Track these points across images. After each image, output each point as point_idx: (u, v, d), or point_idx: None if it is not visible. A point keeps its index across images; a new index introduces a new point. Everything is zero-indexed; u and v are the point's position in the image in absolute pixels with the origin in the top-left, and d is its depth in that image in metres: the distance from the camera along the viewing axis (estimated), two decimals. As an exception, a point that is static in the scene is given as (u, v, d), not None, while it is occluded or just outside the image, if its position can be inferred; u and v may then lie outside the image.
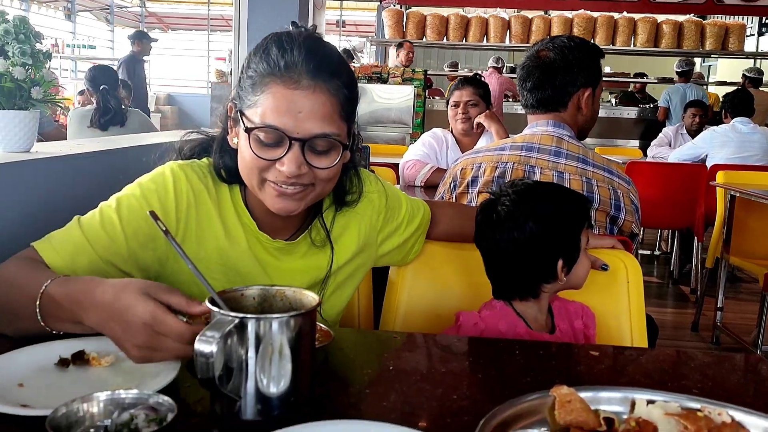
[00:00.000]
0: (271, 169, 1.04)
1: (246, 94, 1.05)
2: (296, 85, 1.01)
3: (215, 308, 0.78)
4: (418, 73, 6.40)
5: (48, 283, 0.93)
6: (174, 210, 1.11)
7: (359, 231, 1.26)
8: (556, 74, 1.78)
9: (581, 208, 1.24)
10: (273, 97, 1.02)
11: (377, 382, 0.92)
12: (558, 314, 1.29)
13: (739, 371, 1.01)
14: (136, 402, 0.72)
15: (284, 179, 1.04)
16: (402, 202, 1.36)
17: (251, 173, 1.07)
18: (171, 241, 0.83)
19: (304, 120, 1.01)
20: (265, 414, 0.78)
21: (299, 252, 1.20)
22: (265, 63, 1.03)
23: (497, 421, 0.75)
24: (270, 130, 1.02)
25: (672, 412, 0.78)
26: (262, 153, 1.03)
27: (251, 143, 1.03)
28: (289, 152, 1.02)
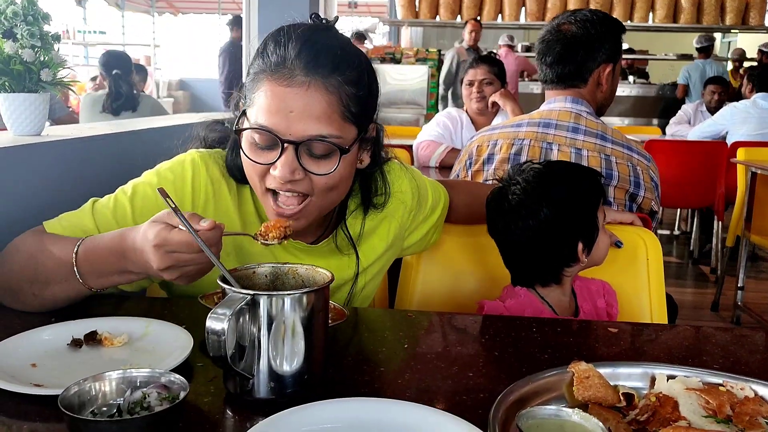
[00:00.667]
0: (268, 176, 0.97)
1: (248, 93, 0.99)
2: (290, 81, 0.92)
3: (226, 285, 0.77)
4: (432, 53, 6.34)
5: (80, 243, 0.95)
6: (190, 203, 1.07)
7: (389, 232, 1.20)
8: (578, 49, 1.74)
9: (595, 186, 1.20)
10: (265, 95, 0.94)
11: (392, 360, 0.91)
12: (580, 295, 1.27)
13: (761, 347, 0.98)
14: (149, 380, 0.72)
15: (278, 186, 0.96)
16: (428, 192, 1.30)
17: (251, 180, 1.01)
18: (180, 217, 0.81)
19: (296, 120, 0.92)
20: (278, 392, 0.77)
21: (321, 252, 1.13)
22: (260, 59, 0.96)
23: (514, 397, 0.73)
24: (260, 131, 0.94)
25: (693, 387, 0.76)
26: (255, 156, 0.96)
27: (244, 146, 0.97)
28: (282, 156, 0.93)
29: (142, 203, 1.06)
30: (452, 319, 1.09)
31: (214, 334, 0.71)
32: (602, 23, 1.77)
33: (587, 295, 1.27)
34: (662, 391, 0.77)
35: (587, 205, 1.18)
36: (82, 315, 0.97)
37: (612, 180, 1.69)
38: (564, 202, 1.16)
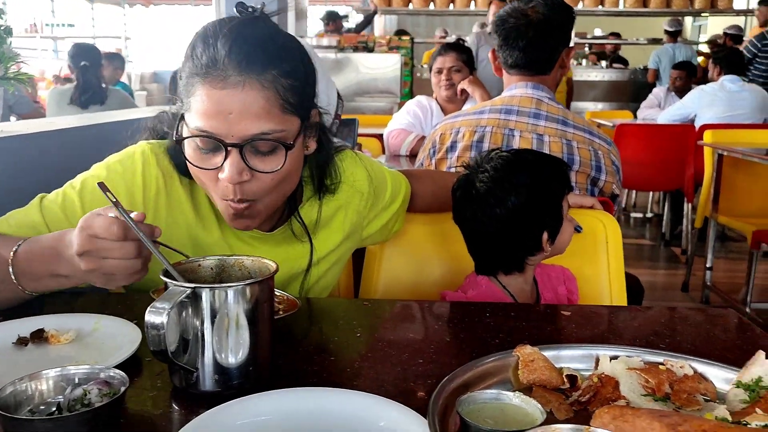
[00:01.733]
0: (219, 181, 0.95)
1: (183, 97, 0.96)
2: (224, 83, 0.90)
3: (168, 279, 0.76)
4: (404, 41, 6.32)
5: (20, 243, 0.93)
6: (141, 196, 1.06)
7: (345, 220, 1.20)
8: (551, 33, 1.74)
9: (562, 175, 1.21)
10: (201, 100, 0.91)
11: (343, 349, 0.91)
12: (541, 282, 1.28)
13: (709, 324, 1.00)
14: (88, 377, 0.71)
15: (230, 192, 0.94)
16: (387, 182, 1.29)
17: (204, 186, 0.99)
18: (121, 212, 0.80)
19: (236, 122, 0.90)
20: (223, 384, 0.77)
21: (276, 240, 1.13)
22: (190, 62, 0.93)
23: (458, 383, 0.74)
24: (202, 136, 0.92)
25: (634, 366, 0.77)
26: (202, 163, 0.95)
27: (188, 154, 0.96)
28: (228, 158, 0.92)
29: (91, 197, 1.04)
30: (407, 307, 1.09)
31: (154, 328, 0.71)
32: (562, 7, 1.78)
33: (548, 282, 1.28)
34: (605, 371, 0.78)
35: (554, 195, 1.19)
36: (32, 313, 0.96)
37: (573, 165, 1.70)
38: (531, 191, 1.16)
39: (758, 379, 0.73)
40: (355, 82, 5.76)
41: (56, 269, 0.91)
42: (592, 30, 9.70)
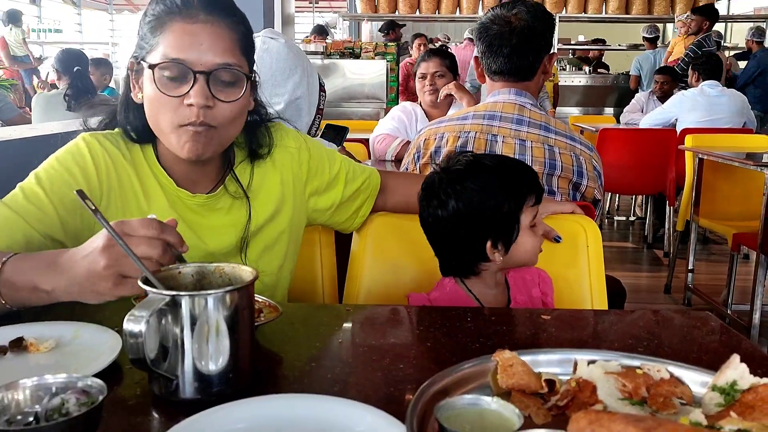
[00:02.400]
0: (180, 108, 1.04)
1: (145, 41, 1.07)
2: (194, 19, 1.04)
3: (147, 287, 0.76)
4: (390, 47, 6.34)
5: (11, 256, 0.94)
6: (95, 175, 1.11)
7: (280, 182, 1.25)
8: (534, 40, 1.76)
9: (522, 184, 1.17)
10: (173, 34, 1.04)
11: (324, 355, 0.91)
12: (515, 286, 1.28)
13: (687, 328, 1.01)
14: (66, 386, 0.70)
15: (195, 116, 1.03)
16: (335, 159, 1.35)
17: (161, 118, 1.06)
18: (100, 219, 0.80)
19: (206, 52, 1.03)
20: (203, 392, 0.76)
21: (223, 207, 1.20)
22: (161, 5, 1.06)
23: (437, 388, 0.74)
24: (173, 64, 1.03)
25: (612, 370, 0.78)
26: (168, 90, 1.03)
27: (157, 83, 1.04)
28: (195, 85, 1.03)
29: (50, 184, 1.08)
30: (390, 312, 1.09)
31: (132, 336, 0.71)
32: (544, 14, 1.80)
33: (522, 285, 1.28)
34: (582, 376, 0.78)
35: (502, 203, 1.15)
36: (11, 321, 0.95)
37: (556, 170, 1.72)
38: (475, 197, 1.14)
39: (733, 383, 0.74)
40: (341, 87, 5.78)
41: (39, 282, 0.91)
42: (576, 36, 9.78)
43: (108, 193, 1.13)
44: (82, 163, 1.11)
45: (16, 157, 1.55)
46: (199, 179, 1.18)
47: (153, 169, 1.16)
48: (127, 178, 1.14)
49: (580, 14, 7.52)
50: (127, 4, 15.50)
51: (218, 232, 1.19)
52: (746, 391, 0.72)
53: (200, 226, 1.18)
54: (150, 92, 1.06)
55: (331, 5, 14.68)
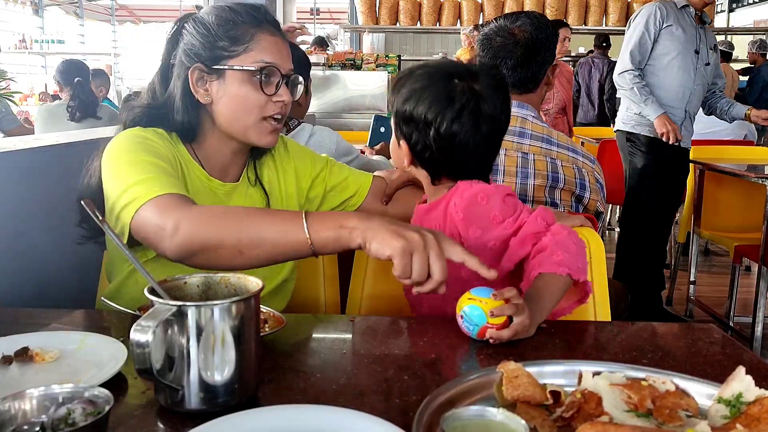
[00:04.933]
0: (268, 104, 1.22)
1: (222, 49, 1.20)
2: (273, 33, 1.23)
3: (154, 297, 0.76)
4: (391, 58, 6.37)
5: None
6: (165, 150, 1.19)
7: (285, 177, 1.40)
8: (538, 51, 1.77)
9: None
10: (265, 42, 1.21)
11: (328, 366, 0.91)
12: None
13: (691, 339, 1.01)
14: (72, 396, 0.71)
15: (279, 110, 1.22)
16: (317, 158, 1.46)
17: (250, 114, 1.21)
18: (107, 230, 0.81)
19: (286, 59, 1.24)
20: (209, 403, 0.77)
21: (241, 194, 1.33)
22: (241, 18, 1.21)
23: (442, 399, 0.74)
24: (271, 67, 1.20)
25: (617, 382, 0.78)
26: (265, 89, 1.21)
27: (240, 85, 1.20)
28: (283, 85, 1.22)
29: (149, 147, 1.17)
30: (393, 323, 1.09)
31: (139, 346, 0.71)
32: (547, 25, 1.81)
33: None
34: (588, 387, 0.78)
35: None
36: (16, 331, 0.96)
37: (558, 183, 1.72)
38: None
39: (739, 395, 0.74)
40: (342, 98, 5.79)
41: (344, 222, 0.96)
42: (576, 48, 9.82)
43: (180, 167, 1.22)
44: (152, 135, 1.20)
45: (21, 167, 1.56)
46: (229, 170, 1.32)
47: (187, 162, 1.26)
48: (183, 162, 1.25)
49: (581, 26, 7.55)
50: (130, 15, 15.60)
51: None
52: (752, 403, 0.72)
53: None
54: (243, 91, 1.20)
55: (333, 17, 14.75)
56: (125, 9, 15.05)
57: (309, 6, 12.05)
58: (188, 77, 1.21)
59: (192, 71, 1.21)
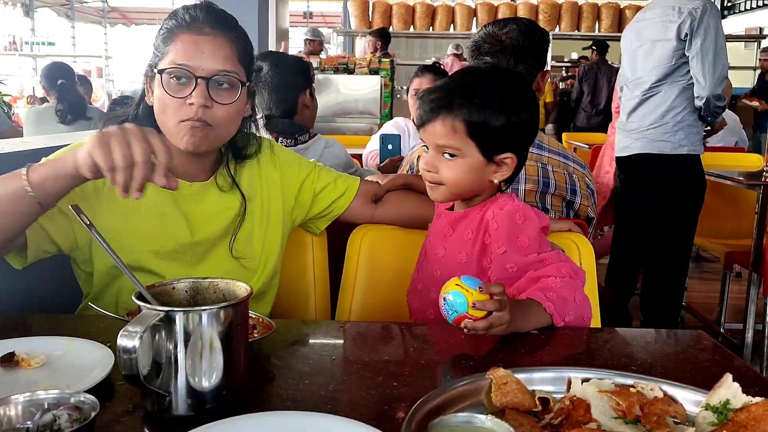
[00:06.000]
0: (183, 107, 1.17)
1: (158, 51, 1.21)
2: (199, 32, 1.19)
3: (141, 302, 0.76)
4: (384, 63, 6.37)
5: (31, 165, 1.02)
6: None
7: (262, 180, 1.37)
8: (526, 58, 1.77)
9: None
10: (181, 43, 1.18)
11: (317, 372, 0.91)
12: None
13: (680, 346, 1.02)
14: (58, 402, 0.70)
15: (194, 113, 1.16)
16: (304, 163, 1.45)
17: (167, 116, 1.19)
18: (95, 235, 0.80)
19: (207, 59, 1.18)
20: (196, 408, 0.76)
21: (212, 196, 1.30)
22: (173, 20, 1.21)
23: (431, 406, 0.74)
24: (179, 68, 1.17)
25: (605, 389, 0.78)
26: (174, 92, 1.17)
27: (164, 85, 1.18)
28: (197, 88, 1.17)
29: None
30: (383, 329, 1.09)
31: (126, 352, 0.70)
32: (536, 32, 1.82)
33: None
34: (576, 394, 0.78)
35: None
36: (2, 336, 0.95)
37: (549, 188, 1.72)
38: None
39: (726, 402, 0.74)
40: (335, 102, 5.78)
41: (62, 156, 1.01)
42: (569, 54, 9.87)
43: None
44: None
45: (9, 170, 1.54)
46: (195, 173, 1.28)
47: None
48: None
49: (573, 32, 7.59)
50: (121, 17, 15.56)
51: (209, 219, 1.28)
52: (739, 410, 0.72)
53: (192, 213, 1.26)
54: (159, 94, 1.20)
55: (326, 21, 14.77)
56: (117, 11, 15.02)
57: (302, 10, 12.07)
58: (145, 78, 1.25)
59: (146, 74, 1.25)
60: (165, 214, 1.23)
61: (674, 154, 2.90)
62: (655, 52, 2.87)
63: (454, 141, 1.15)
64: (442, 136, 1.15)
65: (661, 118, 2.90)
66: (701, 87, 2.79)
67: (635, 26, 3.02)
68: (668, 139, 2.89)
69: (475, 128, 1.14)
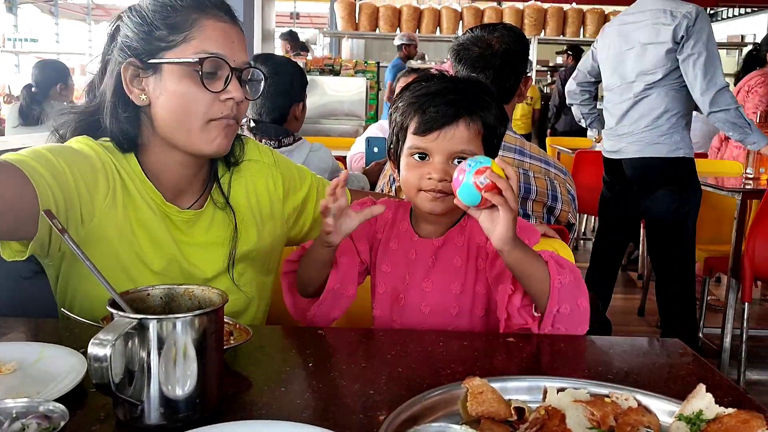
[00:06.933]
0: (215, 104, 1.05)
1: (159, 39, 1.04)
2: (223, 19, 1.07)
3: (114, 310, 0.75)
4: (370, 65, 6.37)
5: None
6: (102, 168, 1.07)
7: (256, 193, 1.24)
8: (516, 63, 1.78)
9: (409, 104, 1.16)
10: (209, 30, 1.04)
11: (294, 380, 0.90)
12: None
13: (655, 355, 1.02)
14: (27, 411, 0.69)
15: (229, 111, 1.06)
16: (305, 176, 1.35)
17: (192, 116, 1.05)
18: (68, 241, 0.79)
19: (237, 50, 1.07)
20: (169, 417, 0.75)
21: (205, 222, 1.17)
22: (181, 2, 1.05)
23: (406, 415, 0.74)
24: (215, 59, 1.03)
25: (580, 399, 0.78)
26: (209, 85, 1.04)
27: (180, 81, 1.03)
28: (232, 80, 1.05)
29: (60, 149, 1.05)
30: (362, 336, 1.09)
31: (97, 360, 0.69)
32: (522, 38, 1.83)
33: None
34: (551, 403, 0.78)
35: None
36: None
37: (530, 194, 1.73)
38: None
39: (699, 412, 0.75)
40: (320, 104, 5.77)
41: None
42: (554, 58, 9.94)
43: (114, 190, 1.07)
44: (89, 153, 1.07)
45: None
46: (186, 191, 1.16)
47: (139, 181, 1.11)
48: (125, 185, 1.10)
49: (559, 37, 7.65)
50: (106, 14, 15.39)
51: (204, 249, 1.16)
52: (712, 420, 0.73)
53: (185, 243, 1.15)
54: (182, 88, 1.04)
55: (312, 22, 14.74)
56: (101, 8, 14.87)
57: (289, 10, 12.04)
58: (121, 75, 1.06)
59: (125, 68, 1.05)
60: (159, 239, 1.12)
61: (671, 157, 2.86)
62: (647, 55, 2.84)
63: (473, 146, 1.10)
64: (463, 140, 1.09)
65: (655, 120, 2.86)
66: (696, 92, 2.74)
67: (620, 29, 2.97)
68: (664, 142, 2.85)
69: (489, 132, 1.13)
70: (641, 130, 2.90)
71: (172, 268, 1.12)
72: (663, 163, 2.88)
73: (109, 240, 1.07)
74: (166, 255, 1.12)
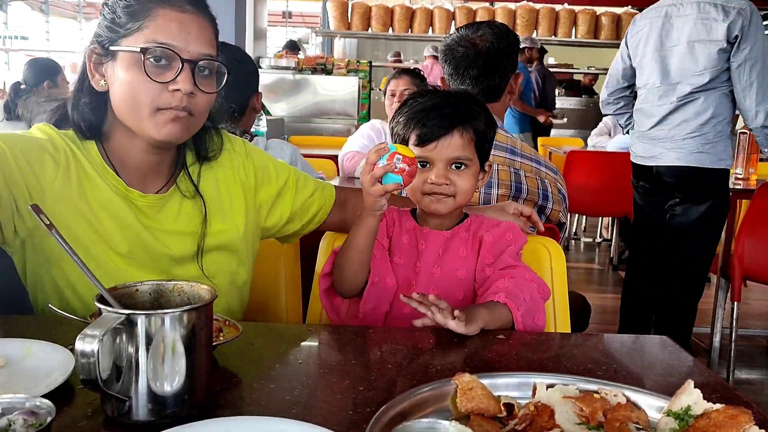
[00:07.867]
0: (163, 93, 1.05)
1: (120, 26, 1.06)
2: (182, 9, 1.06)
3: (102, 305, 0.74)
4: (363, 64, 6.37)
5: None
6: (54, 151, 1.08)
7: (227, 183, 1.25)
8: (500, 61, 1.78)
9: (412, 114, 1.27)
10: (162, 19, 1.04)
11: (283, 376, 0.90)
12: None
13: (644, 352, 1.03)
14: (13, 407, 0.68)
15: (178, 101, 1.05)
16: (282, 168, 1.34)
17: (141, 102, 1.05)
18: (56, 236, 0.78)
19: (193, 41, 1.05)
20: (157, 414, 0.75)
21: (173, 209, 1.17)
22: None
23: (395, 411, 0.74)
24: (163, 49, 1.03)
25: (570, 395, 0.78)
26: (154, 75, 1.03)
27: (129, 70, 1.04)
28: (182, 72, 1.04)
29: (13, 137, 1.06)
30: (352, 333, 1.09)
31: (84, 356, 0.69)
32: (508, 34, 1.83)
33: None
34: (541, 399, 0.79)
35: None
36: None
37: (522, 193, 1.73)
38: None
39: (687, 408, 0.75)
40: (312, 103, 5.77)
41: None
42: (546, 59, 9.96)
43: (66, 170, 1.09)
44: (45, 141, 1.09)
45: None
46: (151, 177, 1.16)
47: (100, 168, 1.13)
48: (83, 168, 1.11)
49: (550, 37, 7.66)
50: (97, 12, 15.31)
51: (172, 235, 1.16)
52: (700, 416, 0.73)
53: (153, 229, 1.15)
54: (129, 76, 1.04)
55: (305, 21, 14.72)
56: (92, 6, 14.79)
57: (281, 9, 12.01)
58: (86, 61, 1.09)
59: (89, 54, 1.09)
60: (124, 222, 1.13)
61: (713, 168, 2.66)
62: (696, 55, 2.59)
63: (468, 151, 1.24)
64: (459, 147, 1.23)
65: (701, 127, 2.62)
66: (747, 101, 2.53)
67: (660, 23, 2.70)
68: (708, 151, 2.64)
69: (480, 138, 1.26)
70: (683, 136, 2.67)
71: (138, 251, 1.13)
72: (704, 174, 2.67)
73: (64, 217, 1.08)
74: (131, 238, 1.13)
